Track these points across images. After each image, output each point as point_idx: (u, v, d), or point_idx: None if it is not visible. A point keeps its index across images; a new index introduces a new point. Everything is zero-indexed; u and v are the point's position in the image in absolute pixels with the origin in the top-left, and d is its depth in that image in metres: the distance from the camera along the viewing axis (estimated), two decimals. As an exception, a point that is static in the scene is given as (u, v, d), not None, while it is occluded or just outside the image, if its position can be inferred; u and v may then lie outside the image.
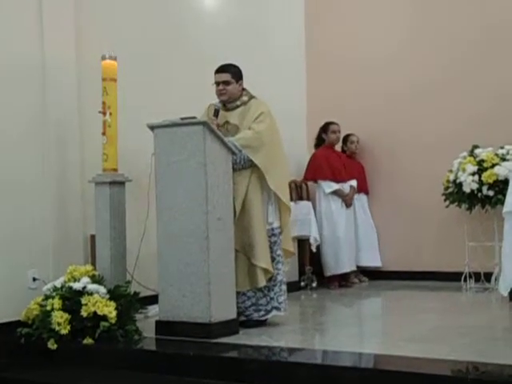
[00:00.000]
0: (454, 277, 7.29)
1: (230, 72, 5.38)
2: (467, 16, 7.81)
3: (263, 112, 5.33)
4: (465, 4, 7.83)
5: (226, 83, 5.37)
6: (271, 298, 5.36)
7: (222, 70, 5.40)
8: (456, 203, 7.09)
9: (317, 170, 7.89)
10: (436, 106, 7.90)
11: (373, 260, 8.20)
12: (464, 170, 6.94)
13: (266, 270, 5.25)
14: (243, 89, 5.47)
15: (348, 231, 7.88)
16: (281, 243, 5.45)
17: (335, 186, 7.85)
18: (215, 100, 5.46)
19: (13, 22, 5.39)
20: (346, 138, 8.24)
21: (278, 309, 5.38)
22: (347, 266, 7.78)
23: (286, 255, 5.55)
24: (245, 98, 5.44)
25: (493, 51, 7.63)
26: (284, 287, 5.44)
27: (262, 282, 5.25)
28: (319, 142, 8.06)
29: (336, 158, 7.96)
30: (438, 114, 7.88)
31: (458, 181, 7.00)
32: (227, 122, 5.39)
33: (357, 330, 5.56)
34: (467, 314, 5.87)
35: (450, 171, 7.14)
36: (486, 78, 7.62)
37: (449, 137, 7.70)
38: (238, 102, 5.42)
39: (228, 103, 5.42)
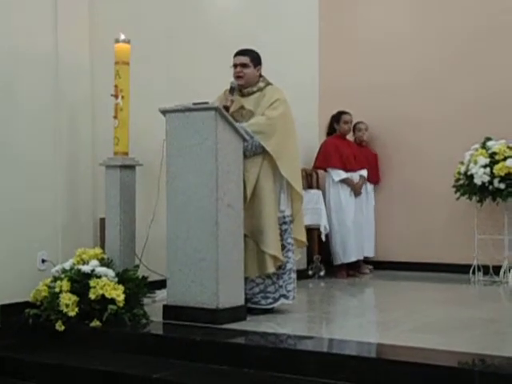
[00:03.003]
0: (462, 269, 7.27)
1: (249, 56, 5.39)
2: (483, 1, 7.73)
3: (278, 99, 5.32)
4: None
5: (244, 66, 5.36)
6: (280, 286, 5.35)
7: (241, 52, 5.42)
8: (467, 195, 7.07)
9: (326, 158, 7.88)
10: (449, 94, 7.84)
11: (370, 250, 8.19)
12: (476, 162, 6.91)
13: (275, 257, 5.24)
14: (260, 75, 5.46)
15: (356, 220, 7.87)
16: (291, 232, 5.43)
17: (344, 175, 7.84)
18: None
19: (27, 3, 5.39)
20: (355, 126, 8.20)
21: (286, 297, 5.38)
22: (354, 255, 7.78)
23: (297, 244, 5.54)
24: (261, 85, 5.42)
25: (509, 42, 7.57)
26: (293, 275, 5.43)
27: (270, 268, 5.23)
28: (331, 131, 8.05)
29: (346, 148, 7.94)
30: (451, 103, 7.83)
31: (469, 173, 6.97)
32: (242, 107, 5.37)
33: (364, 319, 5.55)
34: (475, 306, 5.85)
35: (462, 163, 7.11)
36: (502, 69, 7.55)
37: (461, 127, 7.66)
38: (255, 88, 5.41)
39: (244, 88, 5.40)
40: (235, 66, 5.39)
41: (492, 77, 7.58)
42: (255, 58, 5.41)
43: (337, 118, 7.99)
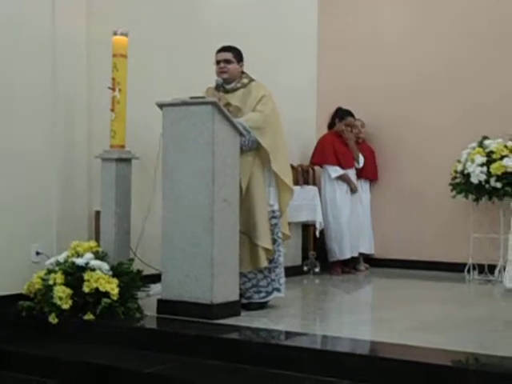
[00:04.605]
0: (457, 268, 7.27)
1: (232, 52, 5.43)
2: (480, 6, 7.76)
3: (265, 95, 5.36)
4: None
5: (228, 61, 5.40)
6: (272, 280, 5.38)
7: (224, 49, 5.46)
8: (463, 194, 7.06)
9: (323, 154, 7.85)
10: (447, 94, 7.86)
11: (368, 247, 8.19)
12: (472, 161, 6.90)
13: (267, 250, 5.27)
14: (243, 72, 5.49)
15: (352, 217, 7.86)
16: (281, 226, 5.46)
17: (341, 171, 7.82)
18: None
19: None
20: (351, 123, 8.17)
21: (278, 290, 5.41)
22: (349, 252, 7.77)
23: (283, 238, 5.55)
24: (245, 81, 5.45)
25: (505, 42, 7.58)
26: (283, 269, 5.46)
27: (263, 262, 5.26)
28: (332, 123, 7.98)
29: (342, 145, 7.91)
30: (448, 102, 7.85)
31: (466, 171, 6.97)
32: (229, 104, 5.37)
33: (358, 316, 5.55)
34: (469, 305, 5.86)
35: (459, 161, 7.10)
36: (498, 68, 7.57)
37: (458, 126, 7.67)
38: (238, 84, 5.43)
39: (228, 84, 5.42)
40: (218, 62, 5.42)
41: (490, 76, 7.59)
42: (238, 54, 5.45)
43: (341, 115, 7.90)
